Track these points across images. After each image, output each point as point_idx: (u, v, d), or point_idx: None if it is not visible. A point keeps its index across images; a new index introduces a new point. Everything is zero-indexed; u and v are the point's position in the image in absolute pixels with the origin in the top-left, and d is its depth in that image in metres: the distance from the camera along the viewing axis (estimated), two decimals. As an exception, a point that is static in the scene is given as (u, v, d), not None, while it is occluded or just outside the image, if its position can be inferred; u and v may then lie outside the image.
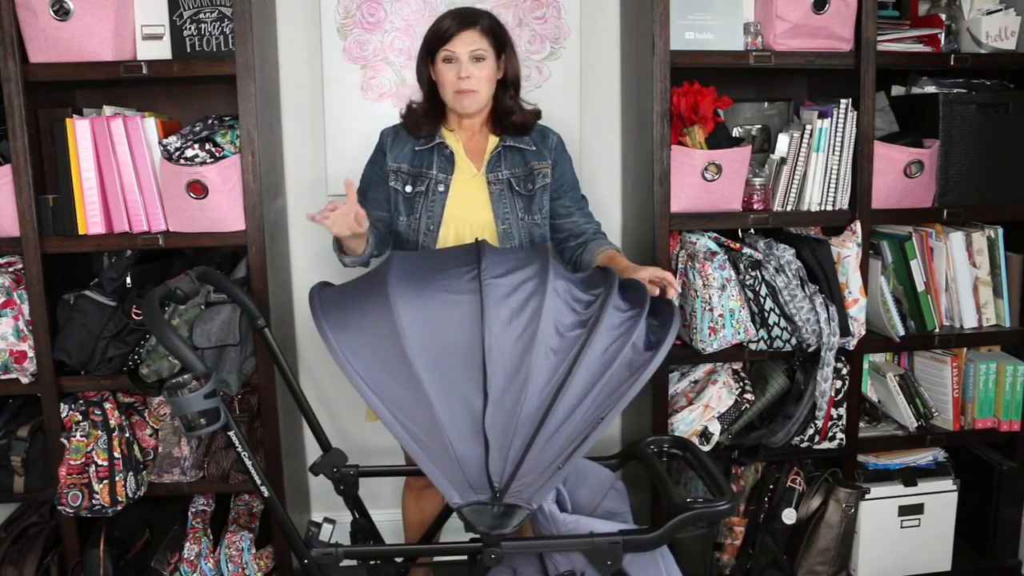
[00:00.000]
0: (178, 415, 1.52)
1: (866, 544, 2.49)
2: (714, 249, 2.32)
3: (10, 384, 2.21)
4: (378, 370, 1.55)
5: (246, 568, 2.33)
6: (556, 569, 1.67)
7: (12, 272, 2.20)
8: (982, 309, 2.50)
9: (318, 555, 1.60)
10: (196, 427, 1.51)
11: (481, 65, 2.04)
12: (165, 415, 2.31)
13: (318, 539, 1.61)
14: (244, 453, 1.63)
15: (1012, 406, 2.50)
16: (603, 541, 1.58)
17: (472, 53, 2.02)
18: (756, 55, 2.27)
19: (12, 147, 2.08)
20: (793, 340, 2.30)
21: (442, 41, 2.02)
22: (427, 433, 1.54)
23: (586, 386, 1.55)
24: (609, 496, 1.86)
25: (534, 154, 2.14)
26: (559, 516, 1.65)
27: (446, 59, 2.03)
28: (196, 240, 2.19)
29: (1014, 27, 2.38)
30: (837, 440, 2.40)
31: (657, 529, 1.59)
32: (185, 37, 2.12)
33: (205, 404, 1.51)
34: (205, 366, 1.52)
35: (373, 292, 1.63)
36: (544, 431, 1.53)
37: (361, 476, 1.99)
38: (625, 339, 1.60)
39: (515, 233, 2.11)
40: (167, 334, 1.52)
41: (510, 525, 1.57)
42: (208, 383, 1.51)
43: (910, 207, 2.40)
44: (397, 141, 2.13)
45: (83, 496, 2.12)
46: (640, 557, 1.62)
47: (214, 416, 1.52)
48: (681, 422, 2.34)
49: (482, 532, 1.57)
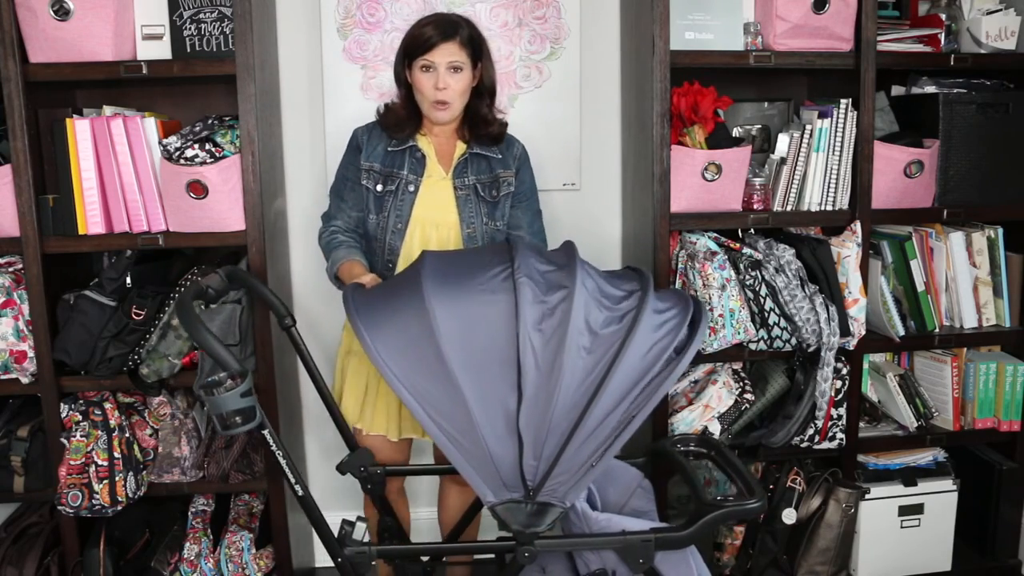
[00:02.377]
0: (213, 414, 1.50)
1: (866, 544, 2.49)
2: (714, 249, 2.32)
3: (10, 384, 2.21)
4: (413, 369, 1.57)
5: (246, 568, 2.33)
6: (587, 567, 1.68)
7: (12, 272, 2.20)
8: (982, 309, 2.49)
9: (352, 554, 1.60)
10: (231, 426, 1.49)
11: (458, 76, 2.06)
12: (165, 415, 2.31)
13: (351, 538, 1.61)
14: (279, 452, 1.62)
15: (1012, 406, 2.50)
16: (636, 539, 1.59)
17: (450, 64, 2.04)
18: (756, 55, 2.27)
19: (12, 147, 2.08)
20: (793, 340, 2.30)
21: (422, 50, 2.04)
22: (461, 431, 1.56)
23: (627, 386, 1.57)
24: (636, 495, 1.88)
25: (499, 162, 2.17)
26: (591, 514, 1.66)
27: (424, 67, 2.05)
28: (196, 240, 2.19)
29: (1014, 27, 2.38)
30: (837, 440, 2.40)
31: (689, 527, 1.59)
32: (185, 37, 2.12)
33: (241, 403, 1.49)
34: (240, 365, 1.51)
35: (407, 292, 1.65)
36: (581, 430, 1.55)
37: (388, 475, 1.99)
38: (670, 339, 1.62)
39: (479, 237, 2.13)
40: (203, 333, 1.51)
41: (544, 523, 1.58)
42: (244, 382, 1.50)
43: (910, 207, 2.40)
44: (371, 140, 2.15)
45: (83, 496, 2.12)
46: (671, 555, 1.63)
47: (250, 415, 1.51)
48: (681, 422, 2.34)
49: (516, 530, 1.58)
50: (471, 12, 2.55)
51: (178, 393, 2.35)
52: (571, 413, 1.56)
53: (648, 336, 1.61)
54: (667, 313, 1.66)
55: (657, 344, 1.61)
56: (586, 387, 1.57)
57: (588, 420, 1.55)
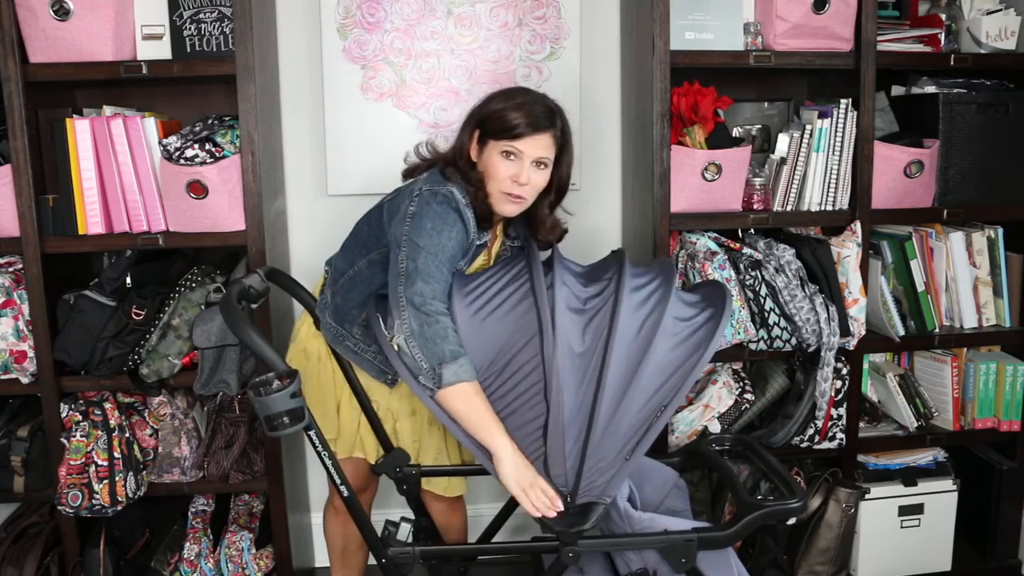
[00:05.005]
0: (261, 415, 1.46)
1: (866, 544, 2.49)
2: (714, 249, 2.32)
3: (10, 384, 2.21)
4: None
5: (246, 568, 2.33)
6: (628, 567, 1.67)
7: (12, 272, 2.20)
8: (982, 309, 2.49)
9: (395, 554, 1.60)
10: (279, 427, 1.46)
11: (541, 173, 1.80)
12: (165, 415, 2.31)
13: (395, 538, 1.61)
14: (324, 453, 1.60)
15: (1012, 406, 2.50)
16: (678, 539, 1.58)
17: (538, 159, 1.77)
18: (756, 55, 2.27)
19: (12, 147, 2.08)
20: (793, 340, 2.30)
21: (509, 136, 1.75)
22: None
23: (627, 373, 1.58)
24: (672, 494, 1.87)
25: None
26: (634, 514, 1.65)
27: (506, 153, 1.76)
28: (196, 240, 2.19)
29: (1014, 27, 2.38)
30: (837, 440, 2.40)
31: (731, 527, 1.59)
32: (185, 37, 2.12)
33: (291, 404, 1.46)
34: (287, 365, 1.49)
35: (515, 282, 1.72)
36: (596, 427, 1.56)
37: (423, 476, 1.99)
38: (660, 311, 1.61)
39: None
40: (249, 333, 1.50)
41: (588, 522, 1.57)
42: (293, 382, 1.46)
43: (910, 207, 2.40)
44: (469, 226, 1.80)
45: (83, 496, 2.12)
46: (711, 555, 1.63)
47: (298, 415, 1.47)
48: (681, 422, 2.34)
49: (559, 531, 1.57)
50: (471, 13, 2.55)
51: (178, 393, 2.35)
52: (579, 413, 1.57)
53: (632, 316, 1.60)
54: (647, 288, 1.66)
55: (647, 320, 1.60)
56: (587, 385, 1.57)
57: (600, 414, 1.56)
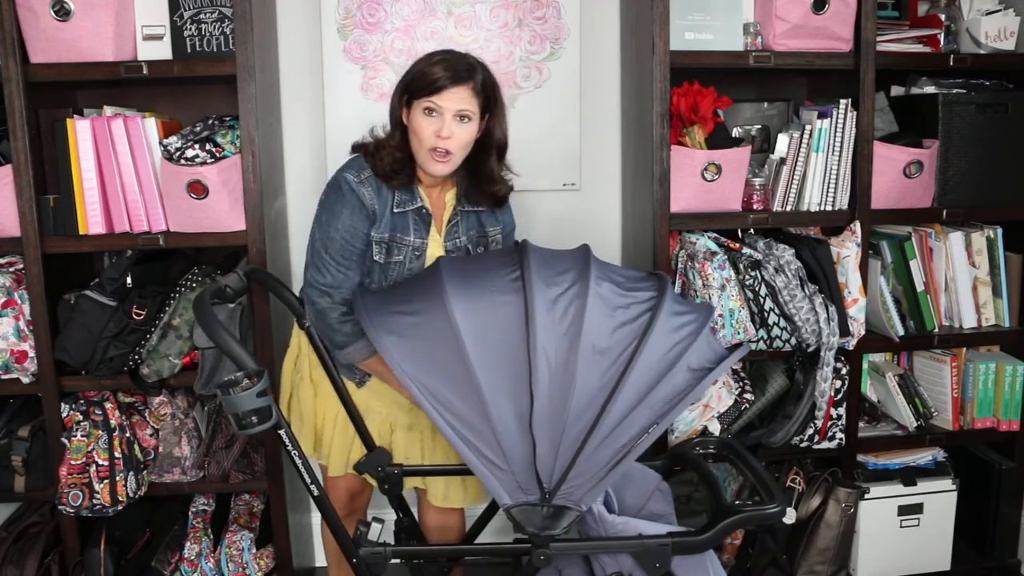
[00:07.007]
0: (229, 413, 1.48)
1: (865, 544, 2.49)
2: (714, 249, 2.32)
3: (11, 384, 2.21)
4: (425, 370, 1.57)
5: (246, 568, 2.33)
6: (603, 571, 1.66)
7: (13, 272, 2.20)
8: (981, 309, 2.50)
9: (367, 554, 1.59)
10: (247, 425, 1.47)
11: (465, 127, 1.82)
12: (165, 415, 2.31)
13: (367, 538, 1.61)
14: (295, 452, 1.60)
15: (1011, 406, 2.51)
16: (652, 543, 1.57)
17: (459, 112, 1.79)
18: (756, 55, 2.27)
19: (13, 147, 2.08)
20: (793, 340, 2.31)
21: (428, 91, 1.78)
22: (476, 434, 1.56)
23: (644, 388, 1.56)
24: (654, 498, 1.86)
25: (488, 216, 1.99)
26: (608, 517, 1.65)
27: (428, 110, 1.80)
28: (196, 240, 2.19)
29: (1013, 27, 2.39)
30: (837, 440, 2.40)
31: (707, 532, 1.58)
32: (186, 37, 2.12)
33: (257, 402, 1.47)
34: (256, 364, 1.50)
35: (423, 295, 1.65)
36: (597, 433, 1.54)
37: (405, 475, 1.98)
38: (687, 343, 1.60)
39: None
40: (219, 332, 1.50)
41: (559, 526, 1.57)
42: (260, 381, 1.48)
43: (909, 207, 2.40)
44: (378, 197, 1.86)
45: (84, 496, 2.13)
46: (688, 559, 1.62)
47: (266, 415, 1.48)
48: (680, 422, 2.35)
49: (531, 533, 1.57)
50: (471, 13, 2.56)
51: (178, 393, 2.35)
52: (586, 414, 1.55)
53: (665, 338, 1.59)
54: (685, 316, 1.65)
55: (676, 346, 1.59)
56: (601, 388, 1.55)
57: (605, 422, 1.53)
